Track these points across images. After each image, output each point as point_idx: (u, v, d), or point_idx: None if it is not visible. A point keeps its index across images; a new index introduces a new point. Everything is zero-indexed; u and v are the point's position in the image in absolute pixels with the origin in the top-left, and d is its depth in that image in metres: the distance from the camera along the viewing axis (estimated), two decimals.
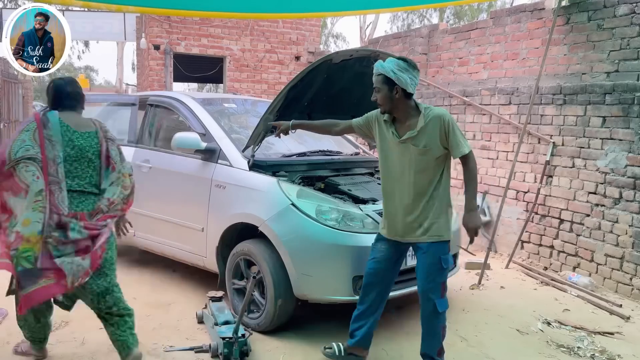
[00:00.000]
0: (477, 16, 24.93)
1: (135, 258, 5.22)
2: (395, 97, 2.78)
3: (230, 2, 4.68)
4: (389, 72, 2.75)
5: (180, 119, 4.47)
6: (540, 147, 5.28)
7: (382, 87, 2.79)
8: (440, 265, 2.79)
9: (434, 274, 2.80)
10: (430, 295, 2.80)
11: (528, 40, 5.50)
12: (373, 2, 5.08)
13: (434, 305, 2.80)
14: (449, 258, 2.86)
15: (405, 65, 2.76)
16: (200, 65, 11.16)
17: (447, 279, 2.93)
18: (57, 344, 3.26)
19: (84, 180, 2.77)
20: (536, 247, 5.34)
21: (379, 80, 2.80)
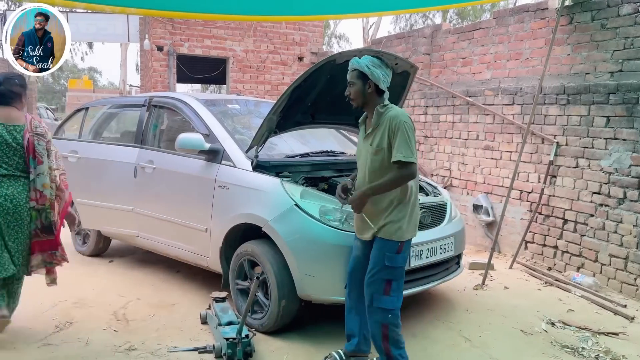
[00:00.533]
0: (480, 16, 24.90)
1: (139, 258, 5.23)
2: (368, 91, 2.86)
3: (233, 4, 4.69)
4: (363, 67, 2.82)
5: (184, 120, 4.48)
6: (543, 147, 5.27)
7: (356, 82, 2.87)
8: (384, 263, 2.79)
9: (376, 268, 2.81)
10: (369, 288, 2.84)
11: (531, 40, 5.49)
12: (376, 5, 5.08)
13: (371, 298, 2.82)
14: (396, 258, 2.80)
15: (379, 63, 2.85)
16: (203, 66, 11.19)
17: (396, 279, 2.83)
18: (62, 344, 3.27)
19: (11, 167, 3.22)
20: (540, 248, 5.33)
21: (354, 75, 2.88)
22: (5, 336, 3.33)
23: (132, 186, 4.49)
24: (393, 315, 2.84)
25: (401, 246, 2.82)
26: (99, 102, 6.19)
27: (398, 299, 2.87)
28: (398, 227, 2.80)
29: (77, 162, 4.89)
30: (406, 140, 2.70)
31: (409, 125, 2.74)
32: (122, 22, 13.63)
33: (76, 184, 4.55)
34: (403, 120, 2.73)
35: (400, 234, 2.81)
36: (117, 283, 4.46)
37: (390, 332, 2.83)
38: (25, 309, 3.78)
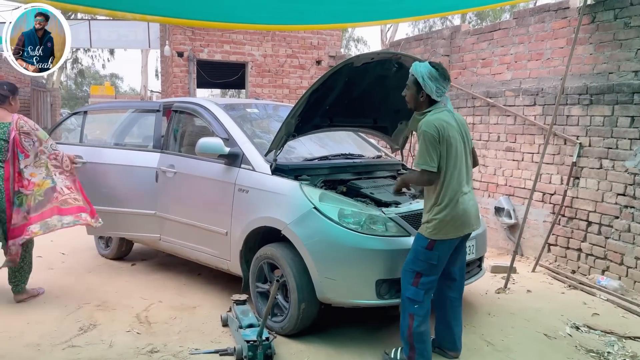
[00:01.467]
0: (500, 17, 24.65)
1: (161, 261, 5.30)
2: (420, 99, 3.02)
3: (251, 14, 4.72)
4: (419, 77, 2.97)
5: (204, 125, 4.52)
6: (566, 148, 5.19)
7: (412, 87, 3.04)
8: (416, 256, 2.99)
9: (409, 259, 3.04)
10: (401, 277, 3.08)
11: (552, 40, 5.42)
12: (392, 12, 5.06)
13: (402, 288, 3.06)
14: (427, 254, 2.97)
15: (436, 75, 2.95)
16: (222, 71, 11.29)
17: (426, 274, 2.99)
18: (86, 346, 3.32)
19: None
20: (563, 250, 5.25)
21: (411, 80, 3.04)
22: (32, 337, 3.41)
23: (154, 190, 4.54)
24: (420, 307, 2.97)
25: (431, 244, 2.95)
26: (98, 106, 6.09)
27: (426, 294, 3.00)
28: (432, 227, 2.95)
29: (100, 167, 4.78)
30: (422, 150, 2.90)
31: (429, 135, 2.88)
32: (142, 29, 13.87)
33: (99, 189, 4.62)
34: (424, 130, 2.90)
35: (431, 233, 2.95)
36: (140, 286, 4.52)
37: (415, 322, 2.97)
38: (51, 311, 3.87)
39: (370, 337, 3.47)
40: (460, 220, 2.97)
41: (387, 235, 3.32)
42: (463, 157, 3.01)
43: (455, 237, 3.01)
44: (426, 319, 3.01)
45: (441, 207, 2.93)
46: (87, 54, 32.79)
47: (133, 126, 5.58)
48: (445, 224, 2.93)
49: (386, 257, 3.24)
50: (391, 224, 3.38)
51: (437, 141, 2.87)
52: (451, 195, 2.93)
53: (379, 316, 3.78)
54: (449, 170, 2.92)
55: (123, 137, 5.44)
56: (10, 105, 4.02)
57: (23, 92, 13.29)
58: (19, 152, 3.87)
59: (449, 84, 3.04)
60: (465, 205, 2.98)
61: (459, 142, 2.99)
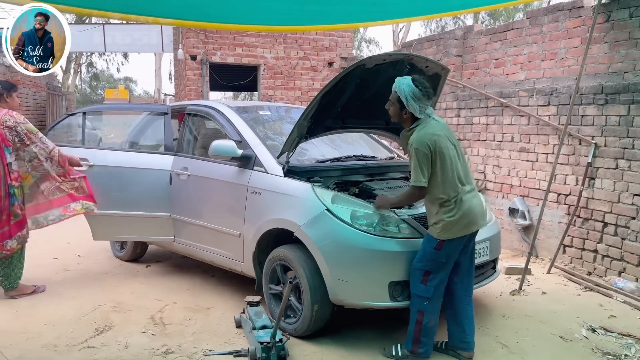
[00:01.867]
0: (513, 16, 24.46)
1: (175, 263, 5.34)
2: (404, 116, 3.14)
3: (263, 15, 4.74)
4: (402, 96, 3.07)
5: (217, 127, 4.55)
6: (581, 148, 5.14)
7: (395, 104, 3.15)
8: (424, 255, 3.09)
9: (416, 257, 3.13)
10: (411, 275, 3.15)
11: (566, 39, 5.37)
12: (404, 11, 5.04)
13: (411, 285, 3.14)
14: (429, 251, 3.07)
15: (419, 95, 3.03)
16: (235, 74, 11.35)
17: (434, 272, 3.07)
18: (102, 347, 3.36)
19: None
20: (579, 252, 5.19)
21: (394, 97, 3.14)
22: (49, 338, 3.45)
23: (168, 193, 4.58)
24: (429, 303, 3.07)
25: (440, 244, 3.03)
26: (98, 107, 5.92)
27: (436, 290, 3.08)
28: (440, 227, 3.04)
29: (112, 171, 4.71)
30: (415, 166, 3.01)
31: (421, 153, 2.99)
32: (156, 32, 13.98)
33: (111, 192, 4.62)
34: (415, 148, 3.00)
35: (439, 233, 3.04)
36: (154, 287, 4.56)
37: (425, 319, 3.07)
38: (67, 312, 3.92)
39: (384, 339, 3.46)
40: (467, 219, 3.05)
41: (400, 237, 3.31)
42: (457, 159, 3.12)
43: (464, 235, 3.09)
44: (436, 315, 3.12)
45: (448, 208, 3.03)
46: (101, 57, 33.17)
47: (142, 129, 5.59)
48: (453, 224, 3.02)
49: (399, 258, 3.23)
50: (404, 226, 3.38)
51: (429, 158, 2.99)
52: (454, 197, 3.03)
53: (393, 318, 3.77)
54: (447, 176, 3.03)
55: (133, 140, 5.47)
56: (6, 102, 4.25)
57: (39, 96, 13.48)
58: (5, 147, 4.09)
59: (432, 100, 3.14)
60: (470, 203, 3.08)
61: (450, 149, 3.09)
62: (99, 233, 4.71)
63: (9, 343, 3.38)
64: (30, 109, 12.70)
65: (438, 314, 3.14)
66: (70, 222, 4.44)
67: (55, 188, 4.34)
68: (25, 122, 4.25)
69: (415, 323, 3.10)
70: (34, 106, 12.98)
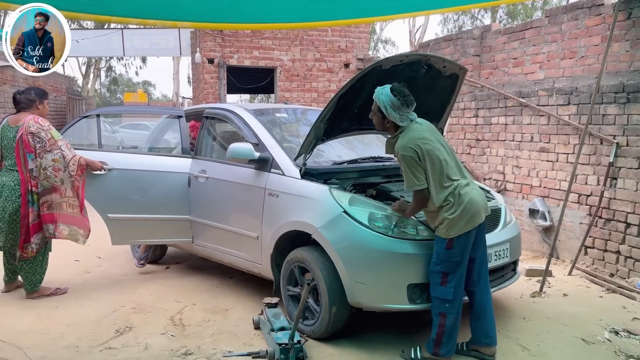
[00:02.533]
0: (532, 15, 24.19)
1: (194, 265, 5.38)
2: (387, 125, 3.21)
3: (279, 13, 4.76)
4: (381, 106, 3.13)
5: (234, 130, 4.58)
6: (602, 148, 5.05)
7: (377, 114, 3.21)
8: (438, 257, 3.10)
9: (432, 261, 3.14)
10: (430, 279, 3.15)
11: (586, 37, 5.29)
12: (422, 4, 5.02)
13: (431, 289, 3.14)
14: (442, 252, 3.08)
15: (398, 104, 3.07)
16: (252, 76, 11.41)
17: (452, 272, 3.08)
18: (122, 348, 3.40)
19: (11, 161, 4.17)
20: (601, 253, 5.10)
21: (375, 107, 3.20)
22: (71, 339, 3.51)
23: (186, 196, 4.61)
24: (451, 305, 3.07)
25: (450, 242, 3.06)
26: (111, 109, 5.79)
27: (456, 290, 3.07)
28: (445, 226, 3.06)
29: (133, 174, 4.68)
30: (407, 172, 3.07)
31: (408, 158, 3.05)
32: (174, 36, 14.14)
33: (130, 196, 4.63)
34: (402, 155, 3.07)
35: (446, 232, 3.06)
36: (174, 289, 4.60)
37: (447, 321, 3.08)
38: (88, 314, 3.98)
39: (403, 342, 3.44)
40: (469, 212, 3.07)
41: (418, 239, 3.30)
42: (447, 156, 3.15)
43: (471, 228, 3.10)
44: (458, 316, 3.12)
45: (447, 206, 3.06)
46: (120, 62, 33.63)
47: (161, 132, 5.64)
48: (457, 220, 3.04)
49: (417, 261, 3.22)
50: (422, 228, 3.36)
51: (417, 161, 3.04)
52: (452, 192, 3.07)
53: (412, 320, 3.75)
54: (437, 177, 3.07)
55: (152, 143, 5.51)
56: (38, 109, 4.32)
57: (59, 101, 13.71)
58: (28, 153, 4.14)
59: (414, 107, 3.14)
60: (470, 195, 3.10)
61: (438, 149, 3.12)
62: (118, 237, 4.68)
63: (32, 344, 3.44)
64: (51, 113, 12.93)
65: (460, 315, 3.13)
66: (91, 225, 4.49)
67: (59, 203, 4.28)
68: (49, 128, 4.26)
69: (438, 326, 3.10)
70: (54, 110, 13.21)
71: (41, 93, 4.44)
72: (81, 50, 14.58)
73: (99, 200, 4.57)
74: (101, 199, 4.57)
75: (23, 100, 4.29)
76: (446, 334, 3.10)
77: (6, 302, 4.22)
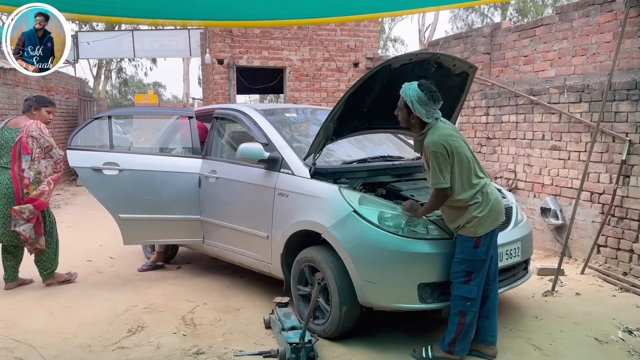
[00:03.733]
0: (542, 12, 24.00)
1: (205, 265, 5.40)
2: (412, 121, 3.17)
3: (288, 10, 4.76)
4: (408, 101, 3.09)
5: (244, 130, 4.59)
6: (615, 145, 5.00)
7: (403, 109, 3.17)
8: (459, 255, 3.09)
9: (455, 260, 3.12)
10: (452, 277, 3.13)
11: (598, 34, 5.24)
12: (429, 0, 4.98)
13: (453, 287, 3.13)
14: (468, 251, 3.07)
15: (425, 99, 3.05)
16: (261, 77, 11.44)
17: (477, 271, 3.08)
18: (135, 347, 3.43)
19: (5, 159, 4.42)
20: (614, 252, 5.05)
21: (402, 102, 3.16)
22: (83, 339, 3.54)
23: (197, 196, 4.64)
24: (472, 303, 3.09)
25: (477, 241, 3.06)
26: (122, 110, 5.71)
27: (478, 290, 3.10)
28: (473, 225, 3.05)
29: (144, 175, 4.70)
30: (434, 168, 3.02)
31: (438, 155, 3.01)
32: (183, 37, 14.20)
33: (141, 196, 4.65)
34: (433, 151, 3.02)
35: (475, 231, 3.06)
36: (185, 288, 4.62)
37: (467, 319, 3.09)
38: (101, 313, 4.01)
39: (414, 341, 3.43)
40: (495, 210, 3.12)
41: (429, 238, 3.29)
42: (470, 154, 3.15)
43: (495, 227, 3.14)
44: (476, 314, 3.14)
45: (475, 205, 3.06)
46: (130, 63, 33.84)
47: (171, 133, 5.64)
48: (486, 218, 3.06)
49: (428, 260, 3.21)
50: (432, 227, 3.35)
51: (447, 158, 3.02)
52: (480, 190, 3.08)
53: (423, 319, 3.74)
54: (465, 173, 3.06)
55: (162, 143, 5.52)
56: (33, 114, 4.58)
57: (71, 102, 13.82)
58: (24, 154, 4.40)
59: (440, 104, 3.12)
60: (494, 193, 3.16)
61: (464, 147, 3.12)
62: (129, 237, 4.73)
63: (46, 343, 3.48)
64: (63, 114, 13.04)
65: (477, 313, 3.15)
66: (103, 226, 4.54)
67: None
68: (49, 136, 4.54)
69: (458, 324, 3.10)
70: (66, 112, 13.31)
71: (41, 100, 4.69)
72: (92, 52, 14.69)
73: (111, 200, 4.62)
74: (113, 199, 4.62)
75: (24, 105, 4.65)
76: (464, 333, 3.11)
77: (20, 302, 4.27)
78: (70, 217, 8.11)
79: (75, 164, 4.59)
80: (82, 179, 4.68)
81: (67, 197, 10.52)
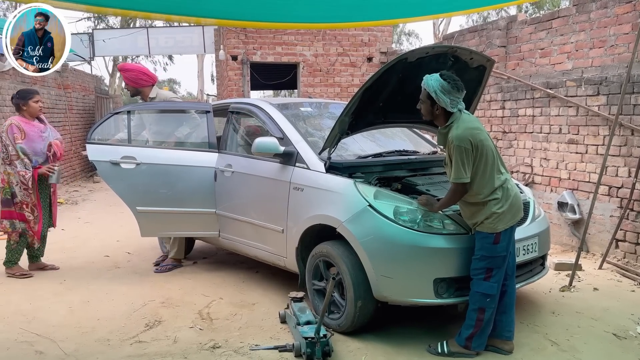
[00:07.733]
0: (559, 4, 23.65)
1: (221, 259, 5.44)
2: (436, 112, 3.12)
3: (302, 13, 4.75)
4: (431, 92, 3.05)
5: (259, 124, 4.60)
6: (633, 139, 4.92)
7: (426, 101, 3.13)
8: (479, 252, 3.07)
9: (475, 257, 3.10)
10: (472, 274, 3.11)
11: (616, 26, 5.15)
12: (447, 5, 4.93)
13: (472, 283, 3.10)
14: (488, 247, 3.04)
15: (448, 88, 3.01)
16: (275, 72, 11.46)
17: (497, 267, 3.06)
18: (152, 341, 3.46)
19: None
20: (633, 246, 4.98)
21: (424, 94, 3.12)
22: (102, 333, 3.59)
23: (213, 190, 4.66)
24: (491, 300, 3.08)
25: (497, 237, 3.04)
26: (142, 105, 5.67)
27: (498, 286, 3.08)
28: (494, 221, 3.03)
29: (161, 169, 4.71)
30: (457, 163, 2.98)
31: (463, 149, 2.97)
32: (198, 34, 14.24)
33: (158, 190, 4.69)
34: (457, 145, 2.97)
35: (495, 227, 3.03)
36: (201, 283, 4.66)
37: (486, 315, 3.08)
38: (119, 308, 4.06)
39: (430, 336, 3.43)
40: (515, 206, 3.10)
41: (445, 233, 3.27)
42: (494, 148, 3.13)
43: (514, 222, 3.12)
44: (495, 310, 3.13)
45: (495, 200, 3.04)
46: (146, 60, 34.07)
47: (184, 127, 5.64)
48: (506, 214, 3.04)
49: (444, 255, 3.20)
50: (448, 222, 3.33)
51: (471, 153, 2.99)
52: (501, 186, 3.06)
53: (439, 314, 3.73)
54: (488, 168, 3.03)
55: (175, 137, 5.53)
56: (24, 109, 4.69)
57: (87, 100, 13.96)
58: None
59: (464, 93, 3.08)
60: (514, 189, 3.14)
61: (488, 140, 3.09)
62: (146, 229, 4.79)
63: (65, 337, 3.53)
64: (80, 112, 13.17)
65: (496, 309, 3.14)
66: (120, 222, 4.58)
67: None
68: (14, 142, 4.63)
69: (476, 320, 3.09)
70: (82, 109, 13.45)
71: (24, 94, 4.73)
72: (107, 49, 14.80)
73: (128, 193, 4.68)
74: (131, 192, 4.68)
75: (14, 104, 4.77)
76: (482, 329, 3.10)
77: (40, 297, 4.34)
78: (87, 214, 8.22)
79: (94, 158, 4.65)
80: (101, 172, 4.74)
81: (84, 193, 10.65)
